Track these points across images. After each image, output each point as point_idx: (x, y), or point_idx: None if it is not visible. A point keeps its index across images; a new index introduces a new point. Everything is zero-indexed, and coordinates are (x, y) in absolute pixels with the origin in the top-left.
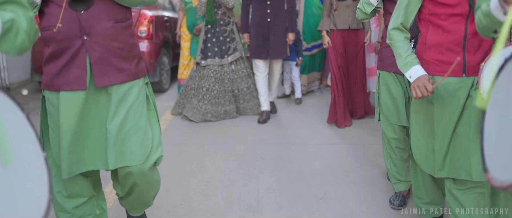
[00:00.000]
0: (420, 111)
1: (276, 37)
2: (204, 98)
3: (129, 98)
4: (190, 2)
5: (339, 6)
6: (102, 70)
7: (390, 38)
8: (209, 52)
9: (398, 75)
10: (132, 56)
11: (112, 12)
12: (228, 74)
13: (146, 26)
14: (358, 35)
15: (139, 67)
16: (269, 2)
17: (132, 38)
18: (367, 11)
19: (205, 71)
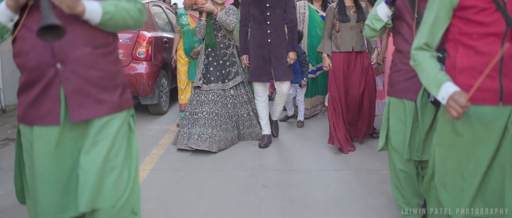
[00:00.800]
0: (446, 144)
1: (278, 59)
2: (212, 124)
3: (108, 130)
4: (187, 25)
5: (342, 27)
6: (78, 102)
7: (413, 59)
8: (212, 77)
9: (410, 103)
10: (114, 86)
11: (90, 37)
12: (229, 98)
13: (145, 48)
14: (363, 57)
15: (124, 97)
16: (269, 22)
17: (115, 65)
18: (376, 28)
19: (210, 96)
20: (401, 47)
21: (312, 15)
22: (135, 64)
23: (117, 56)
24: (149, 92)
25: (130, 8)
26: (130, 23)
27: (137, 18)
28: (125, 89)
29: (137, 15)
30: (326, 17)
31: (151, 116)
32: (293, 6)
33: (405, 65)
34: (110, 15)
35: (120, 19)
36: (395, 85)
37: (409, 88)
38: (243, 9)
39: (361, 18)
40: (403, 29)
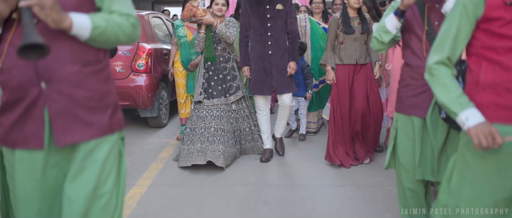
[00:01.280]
0: (469, 168)
1: (279, 71)
2: (221, 140)
3: (97, 155)
4: (184, 36)
5: (345, 39)
6: (64, 125)
7: (431, 73)
8: (214, 92)
9: (419, 120)
10: (104, 107)
11: (78, 53)
12: (231, 113)
13: (145, 60)
14: (367, 69)
15: (115, 119)
16: (270, 34)
17: (105, 84)
18: (384, 41)
19: (214, 111)
20: (410, 61)
21: (313, 27)
22: (135, 77)
23: (108, 74)
24: (148, 105)
25: (123, 23)
26: (122, 39)
27: (130, 34)
28: (116, 109)
29: (130, 30)
30: (329, 28)
31: (150, 129)
32: (294, 17)
33: (414, 80)
34: (101, 30)
35: (112, 34)
36: (403, 101)
37: (418, 105)
38: (243, 20)
39: (365, 30)
40: (413, 42)
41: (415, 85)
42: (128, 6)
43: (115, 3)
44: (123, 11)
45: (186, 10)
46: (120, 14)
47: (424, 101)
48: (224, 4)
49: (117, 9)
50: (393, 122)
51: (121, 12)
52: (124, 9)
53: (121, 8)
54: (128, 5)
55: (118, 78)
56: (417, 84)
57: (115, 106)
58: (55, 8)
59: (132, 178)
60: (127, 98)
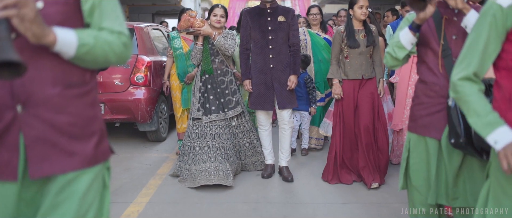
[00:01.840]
0: (507, 195)
1: (281, 85)
2: (225, 159)
3: (74, 188)
4: (180, 48)
5: (350, 54)
6: (41, 154)
7: (456, 91)
8: (212, 106)
9: (433, 141)
10: (89, 134)
11: (61, 74)
12: (230, 129)
13: (144, 72)
14: (373, 84)
15: (100, 148)
16: (271, 46)
17: (91, 108)
18: (398, 57)
19: (214, 129)
20: (425, 78)
21: (314, 40)
22: (133, 90)
23: (95, 98)
24: (147, 118)
25: (113, 42)
26: (112, 59)
27: (120, 54)
28: (102, 138)
29: (121, 50)
30: (333, 41)
31: (149, 143)
32: (296, 29)
33: (428, 98)
34: (88, 48)
35: (100, 53)
36: (416, 121)
37: (433, 125)
38: (243, 32)
39: (371, 43)
40: (428, 57)
41: (429, 103)
42: (120, 23)
43: (106, 19)
44: (114, 28)
45: (183, 20)
46: (111, 31)
47: (439, 121)
48: (222, 15)
49: (108, 26)
50: (405, 142)
51: (112, 29)
52: (116, 26)
53: (113, 25)
54: (120, 22)
55: (116, 91)
56: (432, 103)
57: (101, 134)
58: (37, 21)
59: (130, 195)
60: (126, 111)
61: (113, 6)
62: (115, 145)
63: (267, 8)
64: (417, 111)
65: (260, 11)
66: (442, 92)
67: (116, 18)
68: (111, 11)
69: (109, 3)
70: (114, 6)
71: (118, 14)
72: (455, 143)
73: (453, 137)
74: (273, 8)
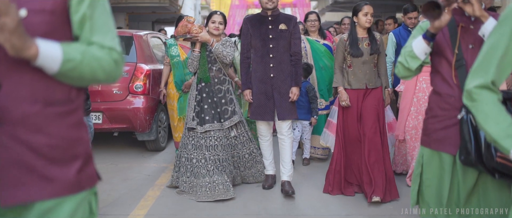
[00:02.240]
0: None
1: (282, 96)
2: (223, 171)
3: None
4: (177, 56)
5: (353, 63)
6: (16, 179)
7: (472, 98)
8: (206, 116)
9: (448, 156)
10: (71, 158)
11: (42, 90)
12: (228, 140)
13: (142, 81)
14: (378, 94)
15: (84, 174)
16: (272, 55)
17: (75, 129)
18: (411, 67)
19: (208, 141)
20: (439, 89)
21: (314, 47)
22: (132, 98)
23: (80, 118)
24: (146, 128)
25: (103, 58)
26: (100, 77)
27: (110, 71)
28: (87, 162)
29: (111, 67)
30: (336, 49)
31: (148, 153)
32: (298, 37)
33: (443, 110)
34: (74, 64)
35: (88, 70)
36: (430, 135)
37: (447, 139)
38: (244, 40)
39: (375, 51)
40: (443, 68)
41: (444, 116)
42: (112, 37)
43: (97, 32)
44: (105, 43)
45: (180, 26)
46: (101, 46)
47: (454, 135)
48: (221, 22)
49: (98, 41)
50: (418, 157)
51: (102, 44)
52: (107, 41)
53: (104, 39)
54: (112, 36)
55: (115, 100)
56: (447, 116)
57: (86, 158)
58: (18, 32)
59: (128, 206)
60: (124, 121)
61: (105, 19)
62: (113, 155)
63: (268, 16)
64: (431, 125)
65: (261, 18)
66: (457, 105)
67: (108, 32)
68: (103, 24)
69: (102, 15)
70: (107, 19)
71: (110, 28)
72: (464, 160)
73: (463, 154)
74: (275, 16)
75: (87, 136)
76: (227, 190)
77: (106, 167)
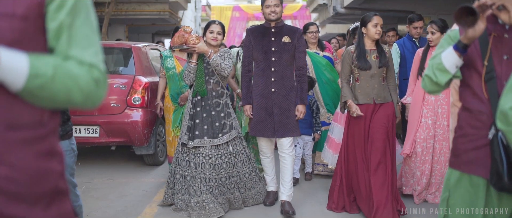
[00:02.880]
0: None
1: (282, 112)
2: (201, 190)
3: None
4: (173, 68)
5: (361, 76)
6: None
7: (508, 122)
8: (197, 131)
9: (479, 180)
10: (37, 195)
11: (3, 110)
12: (225, 157)
13: (141, 94)
14: (388, 110)
15: (56, 214)
16: (274, 69)
17: (46, 160)
18: (440, 81)
19: (200, 158)
20: (470, 105)
21: (314, 60)
22: (130, 111)
23: (53, 145)
24: (144, 141)
25: (81, 76)
26: (77, 99)
27: (89, 93)
28: (60, 199)
29: (91, 88)
30: (342, 62)
31: (146, 167)
32: (303, 51)
33: (474, 129)
34: (43, 80)
35: (61, 90)
36: (460, 156)
37: (479, 161)
38: (246, 52)
39: (384, 64)
40: (473, 81)
41: (475, 135)
42: (94, 53)
43: (76, 45)
44: (85, 58)
45: (176, 36)
46: (79, 62)
47: (487, 156)
48: (219, 32)
49: (76, 55)
50: (445, 180)
51: (82, 59)
52: (88, 57)
53: (83, 54)
54: (95, 51)
55: (112, 113)
56: (479, 135)
57: (58, 194)
58: None
59: None
60: (122, 134)
61: (88, 30)
62: (110, 170)
63: (272, 27)
64: (460, 144)
65: (264, 30)
66: (490, 123)
67: (90, 45)
68: (85, 36)
69: (84, 25)
70: (90, 31)
71: (93, 41)
72: (496, 184)
73: (494, 177)
74: (278, 28)
75: (61, 166)
76: (216, 209)
77: (103, 182)
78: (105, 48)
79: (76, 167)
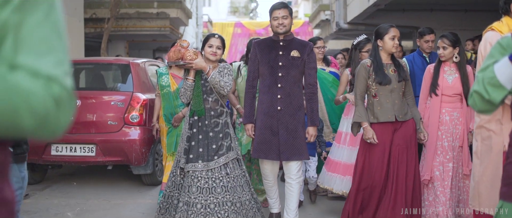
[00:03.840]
0: None
1: (289, 132)
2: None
3: None
4: (167, 86)
5: (380, 91)
6: None
7: None
8: (191, 154)
9: None
10: None
11: None
12: (220, 181)
13: (139, 111)
14: (409, 128)
15: None
16: (280, 85)
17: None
18: (494, 99)
19: (186, 178)
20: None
21: (320, 76)
22: (127, 130)
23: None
24: (142, 161)
25: (33, 92)
26: (26, 124)
27: (45, 116)
28: None
29: (48, 109)
30: (357, 77)
31: (144, 187)
32: (313, 67)
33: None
34: None
35: (3, 110)
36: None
37: None
38: (251, 66)
39: (402, 77)
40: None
41: None
42: (56, 61)
43: (28, 51)
44: (41, 68)
45: (172, 51)
46: (32, 73)
47: None
48: (219, 47)
49: (27, 63)
50: (495, 214)
51: (36, 70)
52: (44, 66)
53: (38, 62)
54: (57, 60)
55: (109, 131)
56: None
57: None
58: None
59: None
60: (119, 153)
61: (48, 33)
62: (106, 190)
63: (280, 40)
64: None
65: (272, 43)
66: None
67: (50, 52)
68: (42, 40)
69: (41, 26)
70: (51, 33)
71: (55, 47)
72: None
73: None
74: (287, 41)
75: (12, 194)
76: None
77: (99, 204)
78: (102, 64)
79: (72, 187)
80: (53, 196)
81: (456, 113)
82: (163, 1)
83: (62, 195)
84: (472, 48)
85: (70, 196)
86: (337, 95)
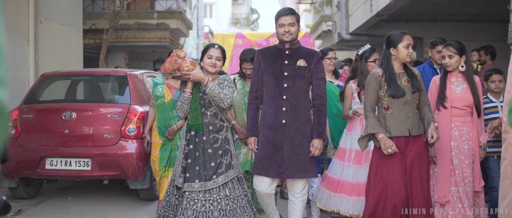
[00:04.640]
0: None
1: (294, 148)
2: None
3: None
4: (161, 97)
5: (392, 104)
6: None
7: None
8: (188, 172)
9: None
10: None
11: None
12: (219, 203)
13: (136, 124)
14: (422, 143)
15: None
16: (286, 97)
17: None
18: None
19: (181, 199)
20: None
21: (327, 89)
22: (124, 143)
23: None
24: (139, 175)
25: None
26: None
27: None
28: None
29: None
30: (367, 86)
31: (141, 202)
32: (322, 77)
33: None
34: None
35: None
36: None
37: None
38: (254, 76)
39: (416, 88)
40: None
41: None
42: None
43: None
44: None
45: (168, 62)
46: None
47: None
48: (219, 58)
49: None
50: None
51: None
52: None
53: None
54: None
55: (105, 145)
56: None
57: None
58: None
59: None
60: (115, 167)
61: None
62: (102, 205)
63: (286, 49)
64: None
65: (277, 52)
66: None
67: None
68: None
69: None
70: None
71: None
72: None
73: None
74: (293, 50)
75: None
76: None
77: None
78: (99, 76)
79: (67, 202)
80: (47, 211)
81: (465, 127)
82: (163, 12)
83: (56, 210)
84: (477, 59)
85: (65, 212)
86: (344, 111)
